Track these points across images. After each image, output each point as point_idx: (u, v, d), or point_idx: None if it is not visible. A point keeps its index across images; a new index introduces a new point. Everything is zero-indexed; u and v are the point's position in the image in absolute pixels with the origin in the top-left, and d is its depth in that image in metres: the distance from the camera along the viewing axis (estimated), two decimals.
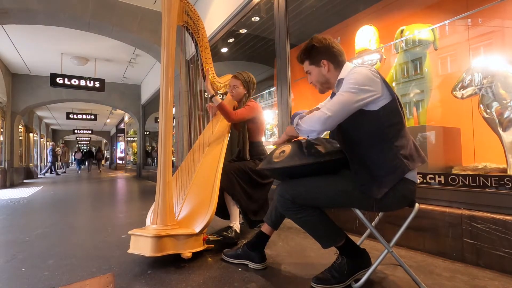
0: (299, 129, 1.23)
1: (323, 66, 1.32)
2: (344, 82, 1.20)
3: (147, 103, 9.22)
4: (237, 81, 2.17)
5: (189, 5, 1.90)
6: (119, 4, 4.81)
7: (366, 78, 1.15)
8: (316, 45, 1.32)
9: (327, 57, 1.31)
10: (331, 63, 1.31)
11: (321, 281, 1.26)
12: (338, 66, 1.32)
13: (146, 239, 1.49)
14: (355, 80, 1.16)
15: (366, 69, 1.18)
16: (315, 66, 1.34)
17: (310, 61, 1.35)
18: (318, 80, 1.36)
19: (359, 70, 1.18)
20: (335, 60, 1.31)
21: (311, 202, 1.24)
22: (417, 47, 2.51)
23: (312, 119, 1.18)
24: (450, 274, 1.40)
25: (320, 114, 1.16)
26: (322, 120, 1.15)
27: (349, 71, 1.22)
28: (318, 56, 1.32)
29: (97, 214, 3.16)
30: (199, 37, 2.02)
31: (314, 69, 1.35)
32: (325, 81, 1.35)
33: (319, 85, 1.38)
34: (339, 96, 1.16)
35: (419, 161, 1.22)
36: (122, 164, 15.72)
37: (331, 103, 1.17)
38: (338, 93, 1.19)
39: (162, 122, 1.70)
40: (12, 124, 7.56)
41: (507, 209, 1.44)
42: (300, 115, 1.26)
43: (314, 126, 1.17)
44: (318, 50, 1.32)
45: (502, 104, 1.82)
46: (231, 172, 1.95)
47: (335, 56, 1.31)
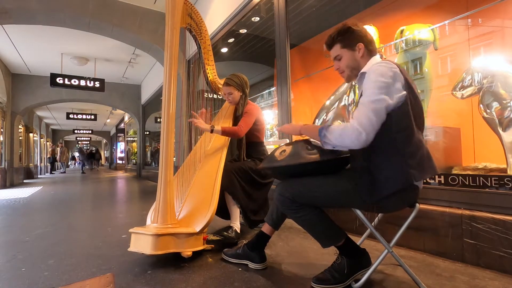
0: (325, 142, 1.14)
1: (357, 50, 1.25)
2: (368, 85, 1.12)
3: (147, 103, 9.22)
4: (230, 88, 2.15)
5: (192, 7, 1.91)
6: (119, 4, 4.81)
7: (391, 78, 1.10)
8: (352, 28, 1.25)
9: (363, 41, 1.25)
10: (366, 48, 1.25)
11: (321, 281, 1.26)
12: (369, 54, 1.26)
13: (147, 237, 1.49)
14: (381, 84, 1.09)
15: (389, 69, 1.12)
16: (348, 49, 1.27)
17: (343, 44, 1.27)
18: (349, 65, 1.28)
19: (383, 71, 1.11)
20: (369, 46, 1.26)
21: (311, 201, 1.24)
22: (417, 47, 2.51)
23: (343, 135, 1.09)
24: (450, 274, 1.40)
25: (352, 130, 1.07)
26: (353, 138, 1.07)
27: (373, 70, 1.14)
28: (354, 39, 1.25)
29: (97, 214, 3.15)
30: (201, 39, 2.03)
31: (347, 52, 1.27)
32: (356, 66, 1.27)
33: (348, 70, 1.30)
34: (368, 108, 1.08)
35: (430, 173, 1.17)
36: (122, 164, 15.72)
37: (360, 115, 1.08)
38: (364, 103, 1.10)
39: (164, 122, 1.70)
40: (12, 124, 7.56)
41: (507, 209, 1.44)
42: (325, 126, 1.16)
43: (344, 142, 1.10)
44: (354, 33, 1.25)
45: (502, 104, 1.82)
46: (232, 171, 1.95)
47: (369, 43, 1.26)
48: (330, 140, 1.12)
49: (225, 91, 2.17)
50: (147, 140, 10.32)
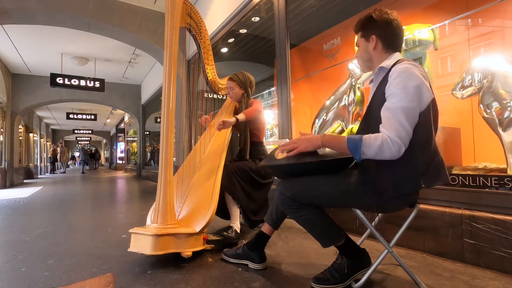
0: (363, 157, 1.08)
1: (370, 42, 1.22)
2: (398, 88, 1.05)
3: (147, 103, 9.21)
4: (232, 83, 2.21)
5: (192, 7, 1.91)
6: (119, 4, 4.81)
7: (420, 81, 1.06)
8: (373, 17, 1.20)
9: (378, 33, 1.20)
10: (380, 41, 1.20)
11: (321, 281, 1.26)
12: (388, 48, 1.20)
13: (147, 237, 1.49)
14: (412, 90, 1.04)
15: (418, 70, 1.08)
16: (365, 39, 1.24)
17: (362, 33, 1.25)
18: (362, 55, 1.26)
19: (412, 73, 1.06)
20: (387, 40, 1.19)
21: (312, 201, 1.24)
22: (417, 47, 2.51)
23: (383, 150, 1.03)
24: (450, 274, 1.40)
25: (392, 145, 1.02)
26: (395, 152, 1.02)
27: (401, 70, 1.08)
28: (370, 29, 1.21)
29: (97, 214, 3.15)
30: (201, 39, 2.03)
31: (363, 42, 1.25)
32: (368, 58, 1.25)
33: (361, 61, 1.28)
34: (402, 117, 1.03)
35: (441, 180, 1.14)
36: (122, 164, 15.72)
37: (397, 126, 1.03)
38: (397, 110, 1.04)
39: (164, 122, 1.70)
40: (12, 124, 7.56)
41: (507, 209, 1.44)
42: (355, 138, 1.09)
43: (384, 156, 1.05)
44: (372, 23, 1.20)
45: (502, 104, 1.82)
46: (232, 171, 1.95)
47: (389, 36, 1.19)
48: (368, 156, 1.07)
49: (227, 85, 2.23)
50: (147, 140, 10.32)
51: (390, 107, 1.07)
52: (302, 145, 1.20)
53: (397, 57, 1.19)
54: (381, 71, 1.19)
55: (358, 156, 1.08)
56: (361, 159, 1.08)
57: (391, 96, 1.08)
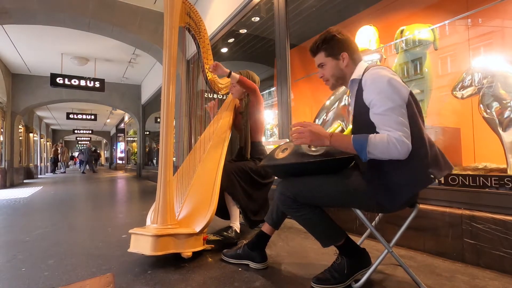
0: (369, 157, 1.09)
1: (341, 60, 1.25)
2: (377, 94, 1.09)
3: (147, 103, 9.21)
4: None
5: (191, 6, 1.91)
6: (119, 4, 4.81)
7: (393, 79, 1.09)
8: (337, 36, 1.24)
9: (347, 51, 1.24)
10: (350, 58, 1.25)
11: (321, 281, 1.26)
12: (354, 63, 1.26)
13: (147, 238, 1.49)
14: (389, 89, 1.07)
15: (387, 71, 1.12)
16: (333, 58, 1.26)
17: (327, 53, 1.26)
18: (334, 74, 1.28)
19: (383, 74, 1.10)
20: (353, 55, 1.25)
21: (312, 200, 1.24)
22: (417, 47, 2.51)
23: (390, 150, 1.04)
24: (450, 274, 1.40)
25: (398, 143, 1.03)
26: (405, 150, 1.03)
27: (372, 77, 1.13)
28: (338, 48, 1.24)
29: (97, 214, 3.15)
30: (200, 39, 2.03)
31: (331, 61, 1.26)
32: (341, 76, 1.27)
33: (333, 79, 1.29)
34: (396, 115, 1.06)
35: (447, 169, 1.15)
36: (122, 164, 15.72)
37: (395, 124, 1.05)
38: (387, 113, 1.06)
39: (163, 122, 1.70)
40: (12, 124, 7.56)
41: (507, 209, 1.44)
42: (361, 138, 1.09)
43: (391, 155, 1.05)
44: (338, 42, 1.24)
45: (502, 104, 1.82)
46: (232, 172, 1.95)
47: (354, 51, 1.26)
48: (374, 155, 1.08)
49: (231, 81, 2.21)
50: (147, 140, 10.32)
51: (379, 112, 1.09)
52: (308, 138, 1.16)
53: (364, 66, 1.23)
54: (354, 82, 1.24)
55: (364, 156, 1.08)
56: (367, 159, 1.08)
57: (373, 103, 1.10)
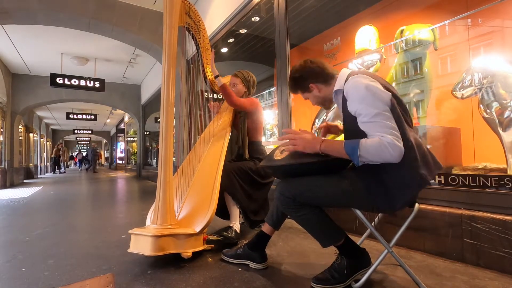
0: (362, 161, 1.09)
1: (313, 90, 1.34)
2: (360, 103, 1.11)
3: (147, 103, 9.21)
4: (236, 79, 2.23)
5: (190, 6, 1.91)
6: (119, 4, 4.81)
7: (372, 85, 1.11)
8: (295, 77, 1.35)
9: (311, 81, 1.33)
10: (318, 83, 1.32)
11: (321, 281, 1.26)
12: (326, 81, 1.32)
13: (146, 238, 1.49)
14: (370, 96, 1.09)
15: (364, 78, 1.15)
16: (308, 92, 1.37)
17: (301, 91, 1.38)
18: (317, 101, 1.39)
19: (361, 82, 1.12)
20: (320, 78, 1.32)
21: (311, 201, 1.24)
22: (417, 47, 2.51)
23: (381, 153, 1.04)
24: (450, 274, 1.40)
25: (390, 145, 1.03)
26: (397, 152, 1.03)
27: (352, 86, 1.15)
28: (303, 84, 1.34)
29: (97, 214, 3.15)
30: (200, 38, 2.03)
31: (309, 95, 1.38)
32: (322, 100, 1.37)
33: (320, 104, 1.40)
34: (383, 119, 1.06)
35: (437, 169, 1.16)
36: (122, 164, 15.72)
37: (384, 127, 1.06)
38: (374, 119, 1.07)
39: (163, 122, 1.70)
40: (12, 124, 7.56)
41: (507, 209, 1.44)
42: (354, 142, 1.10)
43: (384, 158, 1.05)
44: (299, 79, 1.34)
45: (502, 104, 1.82)
46: (232, 172, 1.95)
47: (318, 74, 1.31)
48: (366, 159, 1.08)
49: (231, 81, 2.25)
50: (147, 140, 10.32)
51: (366, 120, 1.10)
52: (300, 145, 1.22)
53: (345, 74, 1.25)
54: (338, 93, 1.27)
55: (356, 160, 1.09)
56: (359, 163, 1.09)
57: (358, 112, 1.12)
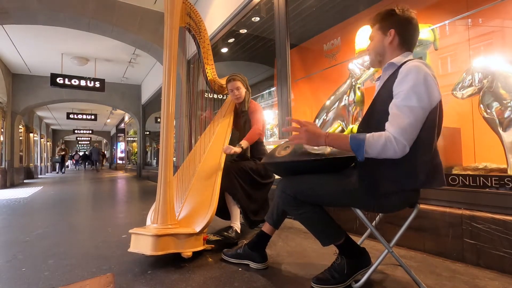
0: (367, 156, 1.08)
1: (388, 36, 1.18)
2: (408, 87, 1.04)
3: (147, 103, 9.21)
4: (237, 83, 2.20)
5: (191, 7, 1.91)
6: (119, 4, 4.81)
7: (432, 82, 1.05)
8: (395, 12, 1.17)
9: (398, 29, 1.17)
10: (398, 37, 1.17)
11: (321, 281, 1.26)
12: (403, 45, 1.18)
13: (147, 237, 1.49)
14: (423, 90, 1.03)
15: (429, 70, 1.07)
16: (382, 32, 1.20)
17: (380, 25, 1.21)
18: (375, 48, 1.23)
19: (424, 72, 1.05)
20: (404, 37, 1.17)
21: (312, 199, 1.24)
22: (417, 47, 2.51)
23: (386, 149, 1.03)
24: (450, 274, 1.40)
25: (395, 144, 1.01)
26: (399, 151, 1.02)
27: (412, 69, 1.06)
28: (390, 23, 1.18)
29: (97, 214, 3.15)
30: (201, 39, 2.03)
31: (379, 35, 1.21)
32: (382, 52, 1.21)
33: (373, 54, 1.25)
34: (409, 117, 1.02)
35: (436, 184, 1.13)
36: (122, 164, 15.73)
37: (403, 125, 1.02)
38: (404, 109, 1.03)
39: (163, 122, 1.70)
40: (12, 124, 7.56)
41: (507, 209, 1.44)
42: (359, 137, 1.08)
43: (387, 154, 1.04)
44: (394, 17, 1.17)
45: (502, 104, 1.82)
46: (232, 172, 1.95)
47: (408, 33, 1.17)
48: (371, 155, 1.06)
49: (232, 86, 2.20)
50: (147, 140, 10.32)
51: (399, 105, 1.05)
52: (305, 138, 1.15)
53: (409, 56, 1.17)
54: (391, 67, 1.17)
55: (360, 155, 1.07)
56: (363, 158, 1.08)
57: (400, 94, 1.05)
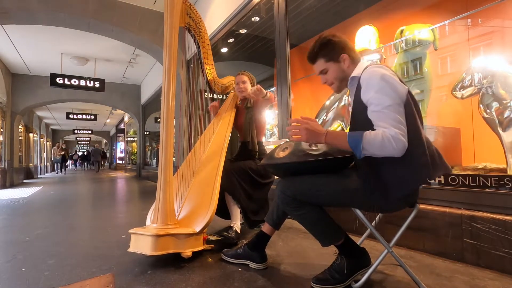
0: (364, 153, 1.08)
1: (342, 62, 1.25)
2: (375, 91, 1.08)
3: (147, 103, 9.21)
4: (244, 77, 2.25)
5: (191, 7, 1.91)
6: (119, 4, 4.81)
7: (392, 78, 1.09)
8: (332, 40, 1.24)
9: (346, 52, 1.25)
10: (349, 58, 1.25)
11: (321, 281, 1.26)
12: (353, 62, 1.26)
13: (147, 237, 1.49)
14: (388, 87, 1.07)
15: (385, 69, 1.12)
16: (334, 62, 1.26)
17: (327, 58, 1.26)
18: (338, 77, 1.27)
19: (381, 73, 1.10)
20: (352, 55, 1.26)
21: (312, 199, 1.24)
22: (417, 47, 2.51)
23: (384, 146, 1.03)
24: (450, 274, 1.40)
25: (394, 140, 1.02)
26: (400, 146, 1.02)
27: (370, 75, 1.12)
28: (337, 51, 1.24)
29: (97, 214, 3.15)
30: (200, 39, 2.03)
31: (332, 65, 1.26)
32: (344, 76, 1.27)
33: (337, 82, 1.29)
34: (393, 113, 1.05)
35: (443, 170, 1.14)
36: (122, 164, 15.73)
37: (392, 120, 1.04)
38: (384, 111, 1.06)
39: (163, 122, 1.70)
40: (12, 124, 7.56)
41: (507, 209, 1.44)
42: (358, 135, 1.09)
43: (387, 152, 1.04)
44: (335, 45, 1.25)
45: (502, 104, 1.82)
46: (232, 172, 1.95)
47: (352, 51, 1.26)
48: (369, 152, 1.07)
49: (238, 79, 2.25)
50: (147, 140, 10.32)
51: (376, 110, 1.08)
52: (304, 135, 1.17)
53: (364, 64, 1.23)
54: (354, 80, 1.23)
55: (358, 152, 1.08)
56: (361, 155, 1.08)
57: (371, 101, 1.10)
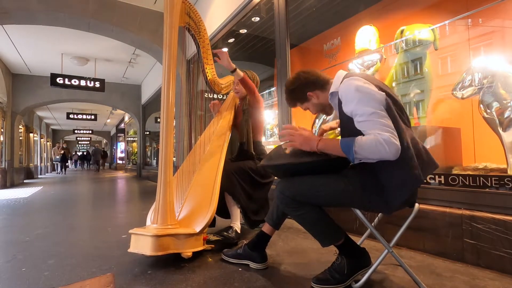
0: (356, 158, 1.09)
1: (311, 98, 1.35)
2: (355, 104, 1.11)
3: (147, 103, 9.22)
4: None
5: (191, 6, 1.91)
6: (119, 4, 4.81)
7: (366, 87, 1.12)
8: (292, 89, 1.35)
9: (308, 90, 1.33)
10: (316, 90, 1.33)
11: (321, 281, 1.26)
12: (322, 87, 1.33)
13: (147, 238, 1.49)
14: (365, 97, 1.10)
15: (358, 80, 1.15)
16: (307, 102, 1.37)
17: (300, 101, 1.38)
18: (317, 109, 1.39)
19: (356, 84, 1.13)
20: (316, 85, 1.33)
21: (311, 200, 1.24)
22: (417, 47, 2.51)
23: (377, 149, 1.04)
24: (450, 274, 1.40)
25: (387, 143, 1.03)
26: (394, 150, 1.03)
27: (346, 88, 1.16)
28: (301, 94, 1.35)
29: (97, 214, 3.16)
30: (200, 39, 2.03)
31: (308, 104, 1.38)
32: (322, 107, 1.37)
33: (320, 110, 1.40)
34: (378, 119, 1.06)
35: (431, 167, 1.17)
36: (122, 164, 15.74)
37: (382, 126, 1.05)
38: (370, 118, 1.07)
39: (163, 122, 1.70)
40: (12, 124, 7.56)
41: (507, 209, 1.44)
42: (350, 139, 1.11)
43: (381, 155, 1.05)
44: (296, 90, 1.35)
45: (502, 104, 1.82)
46: (232, 172, 1.95)
47: (314, 82, 1.33)
48: (362, 156, 1.08)
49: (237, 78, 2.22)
50: (147, 140, 10.32)
51: (362, 120, 1.10)
52: (298, 141, 1.23)
53: (339, 78, 1.26)
54: (333, 95, 1.28)
55: (351, 156, 1.09)
56: (354, 159, 1.09)
57: (354, 112, 1.12)
